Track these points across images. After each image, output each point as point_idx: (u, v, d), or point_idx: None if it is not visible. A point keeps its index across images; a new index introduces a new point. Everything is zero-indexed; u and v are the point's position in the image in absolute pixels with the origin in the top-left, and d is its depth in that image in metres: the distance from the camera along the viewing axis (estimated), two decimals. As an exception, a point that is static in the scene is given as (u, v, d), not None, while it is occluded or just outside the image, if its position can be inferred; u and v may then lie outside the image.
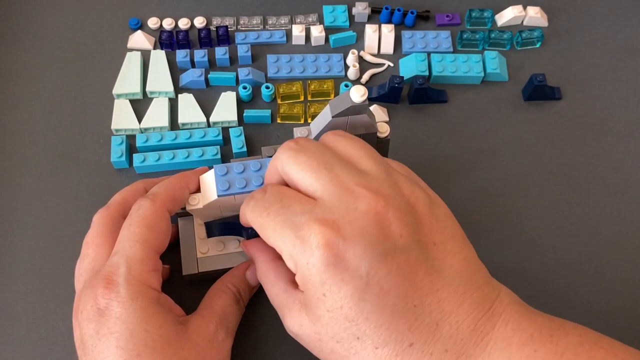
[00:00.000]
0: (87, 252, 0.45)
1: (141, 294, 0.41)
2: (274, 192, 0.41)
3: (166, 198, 0.45)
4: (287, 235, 0.38)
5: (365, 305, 0.36)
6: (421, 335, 0.36)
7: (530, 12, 0.68)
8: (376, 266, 0.36)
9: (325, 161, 0.40)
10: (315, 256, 0.36)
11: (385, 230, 0.37)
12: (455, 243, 0.40)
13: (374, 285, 0.36)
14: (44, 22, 0.67)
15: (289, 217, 0.38)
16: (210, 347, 0.43)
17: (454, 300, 0.37)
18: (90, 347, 0.40)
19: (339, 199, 0.38)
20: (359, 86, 0.42)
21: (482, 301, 0.38)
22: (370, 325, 0.36)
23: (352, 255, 0.36)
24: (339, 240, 0.36)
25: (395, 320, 0.36)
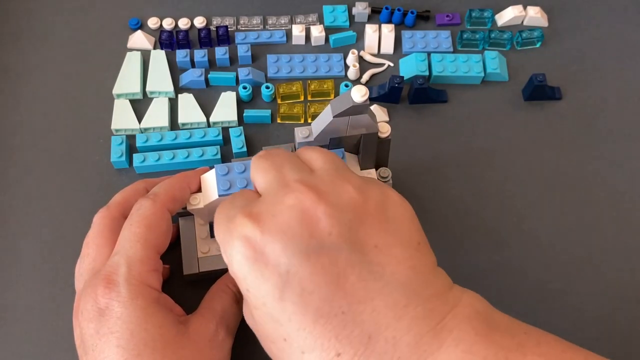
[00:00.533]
0: (87, 252, 0.45)
1: (141, 294, 0.41)
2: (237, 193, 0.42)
3: (167, 198, 0.45)
4: (221, 228, 0.38)
5: (287, 305, 0.34)
6: (350, 346, 0.33)
7: (530, 12, 0.68)
8: (297, 264, 0.34)
9: (279, 163, 0.40)
10: (235, 248, 0.36)
11: (311, 227, 0.35)
12: (404, 249, 0.36)
13: (295, 285, 0.34)
14: (44, 22, 0.67)
15: (228, 211, 0.39)
16: (211, 346, 0.43)
17: (391, 312, 0.33)
18: (91, 346, 0.40)
19: (273, 194, 0.38)
20: (360, 86, 0.42)
21: (428, 315, 0.34)
22: (293, 327, 0.34)
23: (271, 251, 0.35)
24: (257, 233, 0.35)
25: (319, 325, 0.34)
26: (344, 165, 0.41)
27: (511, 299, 0.52)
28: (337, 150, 0.48)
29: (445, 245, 0.55)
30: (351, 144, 0.48)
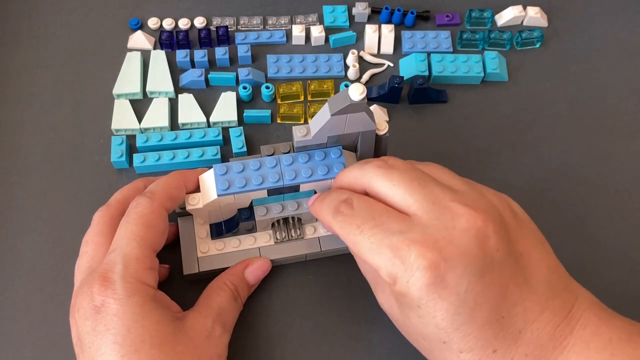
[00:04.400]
0: (85, 250, 0.45)
1: (137, 291, 0.41)
2: (363, 206, 0.41)
3: (164, 196, 0.46)
4: (384, 255, 0.38)
5: (458, 319, 0.37)
6: (504, 342, 0.38)
7: (530, 12, 0.68)
8: (474, 282, 0.37)
9: (418, 177, 0.41)
10: (416, 277, 0.37)
11: (484, 246, 0.38)
12: (538, 250, 0.41)
13: (469, 301, 0.37)
14: (44, 22, 0.67)
15: (385, 237, 0.39)
16: (207, 342, 0.43)
17: (537, 308, 0.38)
18: (88, 344, 0.40)
19: (437, 217, 0.39)
20: (357, 84, 0.42)
21: (562, 307, 0.39)
22: (459, 334, 0.38)
23: (452, 275, 0.37)
24: (441, 261, 0.37)
25: (483, 331, 0.38)
26: (458, 176, 0.44)
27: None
28: (334, 148, 0.48)
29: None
30: (349, 141, 0.48)
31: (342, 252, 0.53)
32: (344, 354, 0.50)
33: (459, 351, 0.38)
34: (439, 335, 0.38)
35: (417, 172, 0.42)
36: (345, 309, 0.52)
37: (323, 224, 0.48)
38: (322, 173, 0.47)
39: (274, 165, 0.47)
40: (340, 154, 0.48)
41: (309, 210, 0.49)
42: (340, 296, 0.52)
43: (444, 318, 0.37)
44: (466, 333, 0.38)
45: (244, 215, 0.50)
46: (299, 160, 0.48)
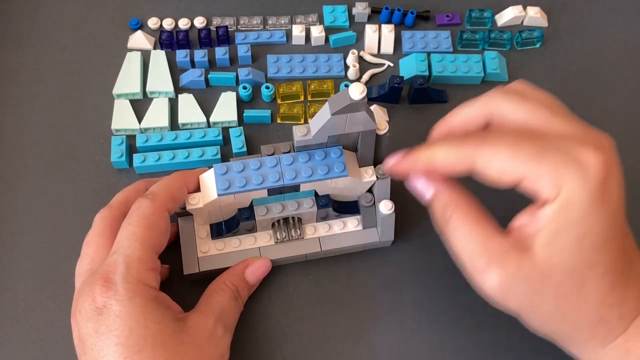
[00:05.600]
0: (86, 252, 0.45)
1: (139, 292, 0.41)
2: (510, 131, 0.40)
3: (165, 197, 0.46)
4: (552, 158, 0.37)
5: (609, 231, 0.37)
6: (625, 264, 0.38)
7: (530, 12, 0.68)
8: (622, 194, 0.38)
9: (551, 103, 0.41)
10: (592, 173, 0.36)
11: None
12: None
13: (619, 212, 0.38)
14: (44, 23, 0.67)
15: (549, 144, 0.38)
16: (209, 342, 0.43)
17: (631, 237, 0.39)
18: (90, 345, 0.40)
19: (586, 133, 0.39)
20: (357, 83, 0.42)
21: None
22: (606, 250, 0.37)
23: (615, 181, 0.37)
24: (611, 161, 0.37)
25: (618, 250, 0.38)
26: None
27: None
28: (335, 147, 0.48)
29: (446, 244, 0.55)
30: (350, 141, 0.48)
31: (342, 252, 0.53)
32: (344, 354, 0.50)
33: (603, 274, 0.37)
34: (591, 259, 0.37)
35: (547, 97, 0.41)
36: (345, 309, 0.52)
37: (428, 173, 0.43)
38: (322, 173, 0.47)
39: (274, 165, 0.47)
40: (341, 154, 0.48)
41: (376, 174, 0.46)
42: (340, 296, 0.52)
43: (599, 233, 0.37)
44: (611, 248, 0.37)
45: (244, 215, 0.50)
46: (299, 160, 0.48)
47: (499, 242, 0.39)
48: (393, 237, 0.53)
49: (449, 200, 0.42)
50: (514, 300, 0.39)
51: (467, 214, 0.41)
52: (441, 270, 0.53)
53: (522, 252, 0.38)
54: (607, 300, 0.38)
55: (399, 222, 0.53)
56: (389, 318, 0.51)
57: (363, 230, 0.53)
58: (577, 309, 0.38)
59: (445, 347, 0.50)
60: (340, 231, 0.53)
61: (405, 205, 0.55)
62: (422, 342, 0.50)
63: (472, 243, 0.40)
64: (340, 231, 0.53)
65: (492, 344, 0.50)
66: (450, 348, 0.50)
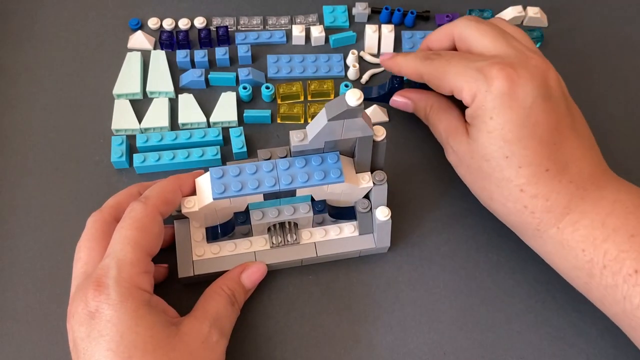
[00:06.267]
0: (79, 256, 0.45)
1: (131, 296, 0.41)
2: (451, 52, 0.53)
3: (158, 201, 0.46)
4: (469, 74, 0.48)
5: (522, 131, 0.46)
6: (555, 165, 0.46)
7: (530, 13, 0.68)
8: (538, 103, 0.46)
9: (503, 33, 0.51)
10: (494, 85, 0.46)
11: (547, 82, 0.47)
12: (582, 118, 0.51)
13: (532, 117, 0.46)
14: (44, 23, 0.67)
15: (470, 63, 0.49)
16: (204, 348, 0.43)
17: (580, 152, 0.47)
18: (82, 350, 0.40)
19: (515, 56, 0.48)
20: (354, 90, 0.42)
21: (600, 160, 0.49)
22: (520, 146, 0.46)
23: (522, 90, 0.46)
24: (515, 76, 0.46)
25: (540, 148, 0.46)
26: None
27: (507, 295, 0.52)
28: (332, 153, 0.48)
29: (446, 245, 0.55)
30: (346, 147, 0.48)
31: (338, 258, 0.53)
32: (344, 354, 0.50)
33: (519, 166, 0.46)
34: (503, 150, 0.46)
35: (499, 28, 0.52)
36: (345, 309, 0.52)
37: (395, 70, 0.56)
38: (318, 178, 0.47)
39: (271, 170, 0.47)
40: (338, 160, 0.48)
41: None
42: (340, 296, 0.52)
43: (510, 130, 0.46)
44: (526, 146, 0.46)
45: (240, 219, 0.50)
46: (295, 165, 0.48)
47: (456, 125, 0.51)
48: (389, 243, 0.53)
49: (424, 105, 0.56)
50: (459, 169, 0.52)
51: (438, 108, 0.54)
52: (441, 271, 0.53)
53: (465, 135, 0.50)
54: (527, 189, 0.46)
55: (397, 228, 0.53)
56: (389, 318, 0.51)
57: (359, 236, 0.53)
58: (499, 191, 0.48)
59: (445, 347, 0.51)
60: (337, 237, 0.53)
61: (402, 211, 0.56)
62: (422, 342, 0.51)
63: (441, 124, 0.53)
64: (336, 237, 0.53)
65: (492, 344, 0.51)
66: (451, 348, 0.51)
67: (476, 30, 0.51)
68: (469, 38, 0.52)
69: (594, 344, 0.50)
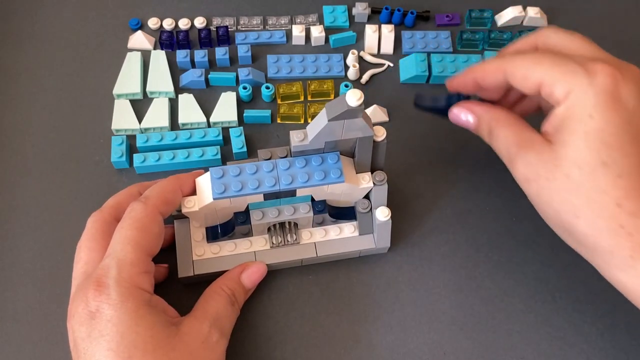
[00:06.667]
0: (80, 256, 0.45)
1: (132, 296, 0.41)
2: (540, 50, 0.47)
3: (158, 201, 0.46)
4: (567, 66, 0.42)
5: (624, 135, 0.40)
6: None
7: (530, 13, 0.68)
8: (639, 106, 0.41)
9: (590, 40, 0.46)
10: (598, 79, 0.41)
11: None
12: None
13: (635, 121, 0.41)
14: (44, 23, 0.67)
15: (568, 58, 0.43)
16: (204, 348, 0.43)
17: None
18: (83, 350, 0.40)
19: (611, 59, 0.43)
20: (354, 90, 0.42)
21: None
22: (622, 153, 0.40)
23: (626, 91, 0.41)
24: (620, 76, 0.41)
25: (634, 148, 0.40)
26: None
27: (507, 295, 0.52)
28: (332, 153, 0.48)
29: (446, 245, 0.55)
30: (347, 147, 0.48)
31: (338, 258, 0.53)
32: (344, 354, 0.50)
33: (618, 175, 0.40)
34: (601, 156, 0.40)
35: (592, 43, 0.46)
36: (345, 309, 0.52)
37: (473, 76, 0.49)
38: (318, 178, 0.47)
39: (271, 170, 0.47)
40: (338, 160, 0.48)
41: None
42: (340, 296, 0.52)
43: (612, 132, 0.40)
44: (629, 153, 0.40)
45: (240, 219, 0.50)
46: (295, 165, 0.48)
47: (530, 135, 0.44)
48: (389, 244, 0.53)
49: (490, 119, 0.48)
50: (534, 185, 0.44)
51: (506, 122, 0.47)
52: (441, 271, 0.54)
53: (545, 143, 0.43)
54: (625, 204, 0.39)
55: (397, 228, 0.53)
56: (389, 318, 0.51)
57: (359, 236, 0.53)
58: (590, 205, 0.40)
59: (445, 347, 0.51)
60: (337, 237, 0.53)
61: (402, 211, 0.56)
62: (422, 342, 0.51)
63: (509, 137, 0.46)
64: (336, 237, 0.53)
65: (492, 344, 0.51)
66: (451, 348, 0.51)
67: (564, 35, 0.47)
68: (559, 44, 0.46)
69: (594, 344, 0.50)
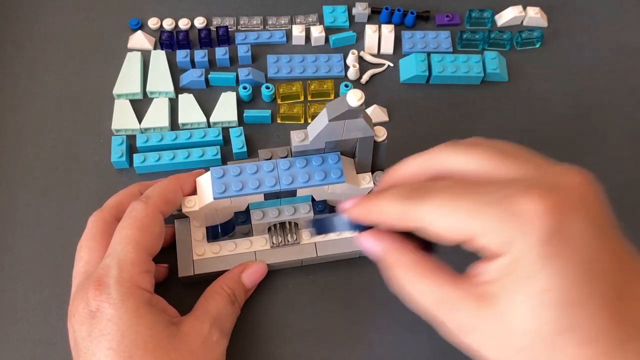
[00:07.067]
0: (80, 256, 0.45)
1: (132, 296, 0.41)
2: (447, 181, 0.36)
3: (159, 200, 0.46)
4: (489, 212, 0.32)
5: (583, 289, 0.30)
6: (634, 330, 0.31)
7: (530, 13, 0.68)
8: (598, 241, 0.31)
9: (499, 147, 0.37)
10: (536, 224, 0.31)
11: (596, 204, 0.33)
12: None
13: (593, 266, 0.31)
14: (44, 23, 0.67)
15: (484, 195, 0.33)
16: (204, 347, 0.43)
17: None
18: (83, 349, 0.40)
19: (540, 175, 0.34)
20: (355, 90, 0.42)
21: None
22: (584, 313, 0.30)
23: (575, 225, 0.31)
24: (560, 206, 0.31)
25: (608, 311, 0.30)
26: None
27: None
28: (332, 153, 0.48)
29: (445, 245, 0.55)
30: (347, 147, 0.48)
31: (337, 258, 0.53)
32: (344, 354, 0.50)
33: (581, 343, 0.30)
34: (557, 324, 0.30)
35: (502, 143, 0.37)
36: (345, 308, 0.52)
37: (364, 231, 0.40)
38: (319, 178, 0.47)
39: (271, 170, 0.47)
40: (338, 160, 0.48)
41: (338, 210, 0.43)
42: (340, 296, 0.52)
43: (569, 289, 0.30)
44: (591, 312, 0.30)
45: (240, 218, 0.50)
46: (296, 165, 0.47)
47: (454, 290, 0.35)
48: None
49: (396, 260, 0.38)
50: (471, 337, 0.35)
51: (423, 265, 0.37)
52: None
53: (475, 302, 0.33)
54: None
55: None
56: (388, 318, 0.51)
57: None
58: None
59: (445, 347, 0.50)
60: (337, 237, 0.53)
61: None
62: (422, 342, 0.51)
63: (433, 293, 0.36)
64: (336, 237, 0.53)
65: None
66: (450, 348, 0.50)
67: (465, 155, 0.37)
68: (466, 169, 0.36)
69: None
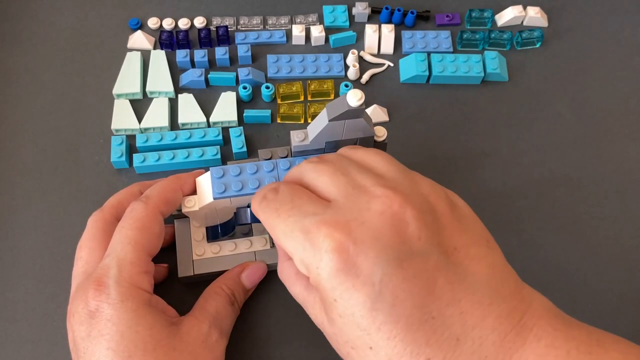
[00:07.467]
0: (80, 256, 0.45)
1: (132, 296, 0.41)
2: (286, 191, 0.40)
3: (159, 200, 0.46)
4: (296, 238, 0.36)
5: (378, 315, 0.33)
6: (440, 350, 0.33)
7: (530, 12, 0.68)
8: (390, 273, 0.34)
9: (342, 167, 0.40)
10: (324, 261, 0.35)
11: (402, 233, 0.35)
12: (479, 247, 0.37)
13: (387, 294, 0.33)
14: (44, 22, 0.67)
15: (298, 219, 0.37)
16: (203, 347, 0.43)
17: (477, 312, 0.34)
18: (82, 349, 0.40)
19: (353, 201, 0.37)
20: (355, 90, 0.42)
21: (510, 313, 0.34)
22: (382, 336, 0.33)
23: (364, 260, 0.34)
24: (349, 243, 0.34)
25: (411, 333, 0.33)
26: (403, 165, 0.41)
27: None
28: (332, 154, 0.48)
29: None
30: (347, 147, 0.48)
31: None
32: (343, 355, 0.50)
33: (388, 359, 0.33)
34: (364, 339, 0.34)
35: (345, 161, 0.40)
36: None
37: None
38: None
39: (271, 170, 0.47)
40: None
41: None
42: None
43: (362, 315, 0.34)
44: (390, 335, 0.33)
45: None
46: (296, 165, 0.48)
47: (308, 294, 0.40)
48: None
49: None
50: (328, 339, 0.39)
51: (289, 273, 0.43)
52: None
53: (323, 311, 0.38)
54: None
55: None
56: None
57: None
58: None
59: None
60: None
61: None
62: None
63: (298, 285, 0.41)
64: None
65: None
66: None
67: (314, 172, 0.40)
68: (309, 183, 0.40)
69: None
